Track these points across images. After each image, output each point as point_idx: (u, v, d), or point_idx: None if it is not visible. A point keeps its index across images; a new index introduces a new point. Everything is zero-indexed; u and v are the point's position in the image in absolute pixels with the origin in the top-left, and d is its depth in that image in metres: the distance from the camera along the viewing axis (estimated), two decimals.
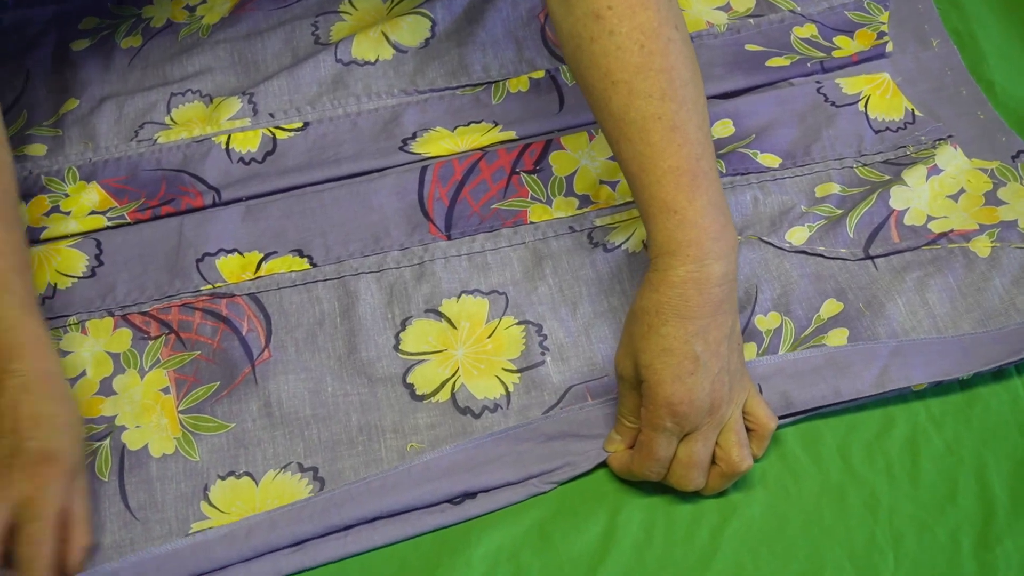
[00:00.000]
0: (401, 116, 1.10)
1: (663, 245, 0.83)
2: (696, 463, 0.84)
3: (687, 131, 0.84)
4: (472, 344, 0.95)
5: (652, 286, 0.84)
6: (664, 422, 0.82)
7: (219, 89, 1.14)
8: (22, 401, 0.82)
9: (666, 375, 0.82)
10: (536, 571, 0.84)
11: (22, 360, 0.83)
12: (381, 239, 1.02)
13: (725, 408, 0.83)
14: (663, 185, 0.83)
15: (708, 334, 0.82)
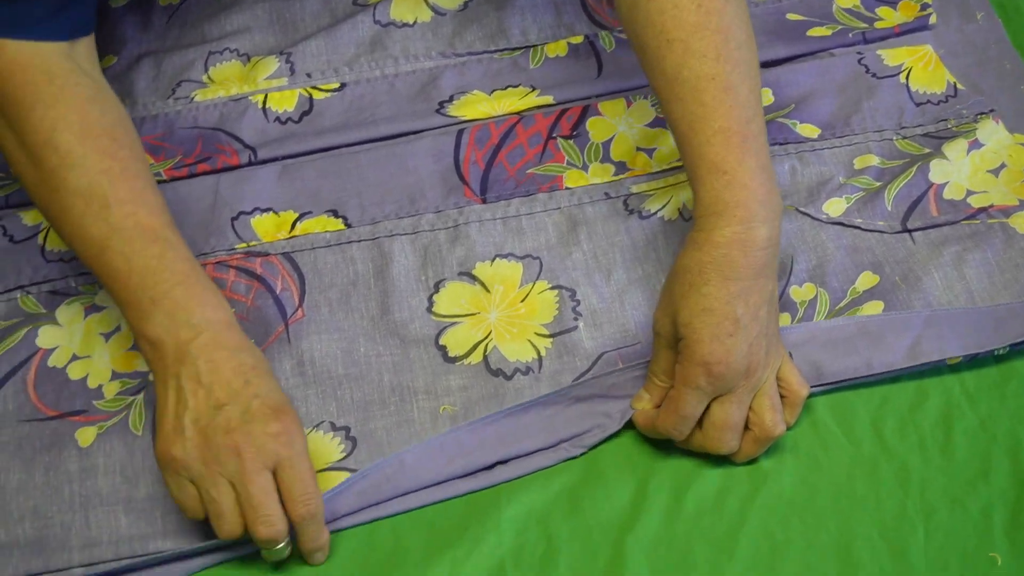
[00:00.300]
0: (439, 79, 1.10)
1: (710, 205, 0.83)
2: (730, 425, 0.83)
3: (739, 93, 0.84)
4: (505, 308, 0.95)
5: (696, 245, 0.84)
6: (699, 380, 0.82)
7: (257, 48, 1.14)
8: (219, 360, 0.81)
9: (705, 334, 0.82)
10: (565, 536, 0.84)
11: (203, 312, 0.83)
12: (416, 201, 1.02)
13: (761, 372, 0.83)
14: (712, 145, 0.83)
15: (749, 296, 0.82)
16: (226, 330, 0.83)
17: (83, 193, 0.84)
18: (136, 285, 0.83)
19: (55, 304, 0.97)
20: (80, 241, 0.85)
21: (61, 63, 0.88)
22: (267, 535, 0.79)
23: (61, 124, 0.85)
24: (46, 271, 0.99)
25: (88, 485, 0.88)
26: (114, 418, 0.91)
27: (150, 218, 0.85)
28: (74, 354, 0.94)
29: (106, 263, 0.84)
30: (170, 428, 0.81)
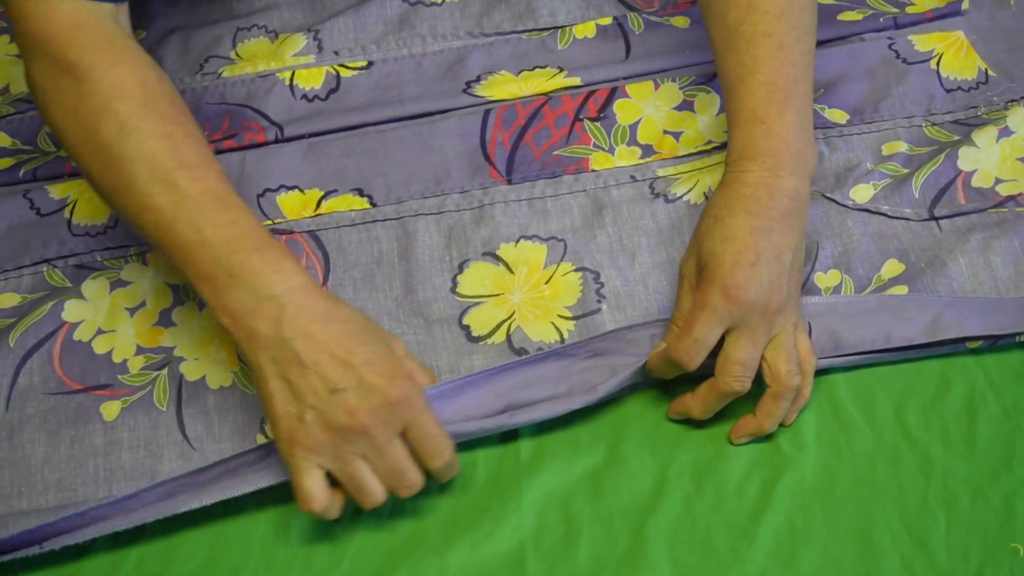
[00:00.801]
0: (466, 58, 1.10)
1: (743, 150, 0.86)
2: (743, 360, 0.83)
3: (793, 53, 0.86)
4: (529, 289, 0.95)
5: (725, 184, 0.86)
6: (715, 301, 0.82)
7: (285, 25, 1.14)
8: (314, 334, 0.79)
9: (726, 259, 0.82)
10: (586, 518, 0.84)
11: (281, 282, 0.80)
12: (442, 181, 1.02)
13: (776, 315, 0.83)
14: (756, 96, 0.86)
15: (772, 236, 0.83)
16: (309, 296, 0.80)
17: (146, 158, 0.81)
18: (210, 257, 0.80)
19: (81, 278, 0.97)
20: (147, 211, 0.82)
21: (112, 24, 0.86)
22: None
23: (120, 88, 0.83)
24: (72, 245, 1.00)
25: (112, 459, 0.88)
26: (138, 393, 0.91)
27: (218, 184, 0.83)
28: (99, 328, 0.95)
29: (176, 234, 0.81)
30: (288, 417, 0.79)
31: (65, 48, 0.83)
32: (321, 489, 0.80)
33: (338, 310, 0.81)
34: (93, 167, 0.84)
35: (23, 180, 1.05)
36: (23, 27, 0.84)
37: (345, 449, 0.79)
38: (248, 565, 0.84)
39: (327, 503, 0.80)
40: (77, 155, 0.85)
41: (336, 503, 0.81)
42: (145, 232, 0.83)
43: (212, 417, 0.90)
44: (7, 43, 1.16)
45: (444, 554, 0.83)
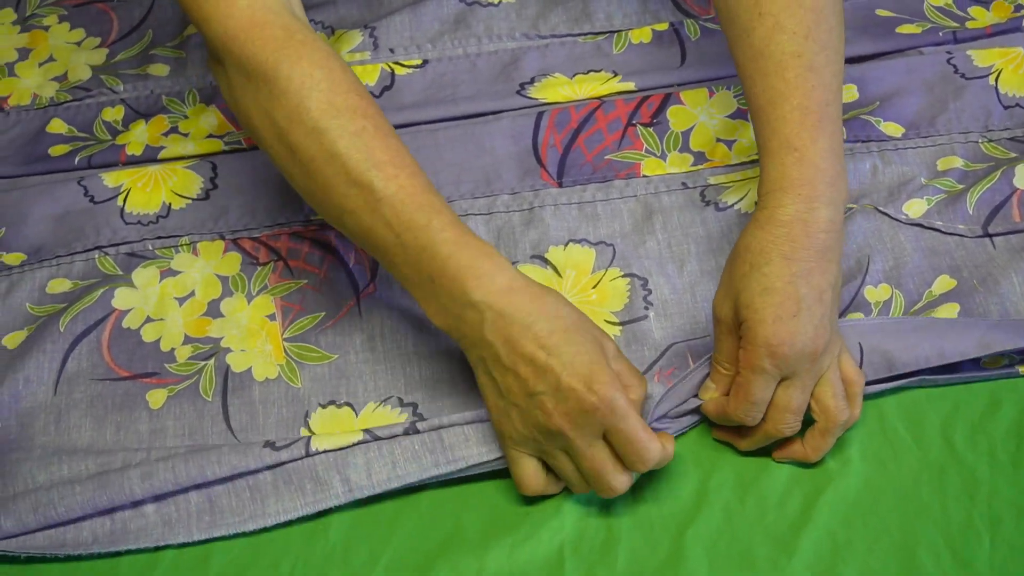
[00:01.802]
0: (521, 60, 1.10)
1: (776, 181, 0.82)
2: (794, 408, 0.82)
3: (823, 75, 0.83)
4: (576, 293, 0.95)
5: (758, 224, 0.83)
6: (763, 363, 0.80)
7: (341, 21, 1.14)
8: (514, 337, 0.79)
9: (767, 315, 0.80)
10: (626, 526, 0.84)
11: (478, 287, 0.79)
12: (492, 182, 1.02)
13: (824, 356, 0.82)
14: (788, 122, 0.83)
15: (812, 277, 0.81)
16: (510, 297, 0.79)
17: (340, 159, 0.81)
18: (411, 262, 0.81)
19: (132, 266, 0.98)
20: (345, 214, 0.82)
21: (290, 16, 0.85)
22: (612, 496, 0.82)
23: (308, 84, 0.82)
24: (124, 233, 1.00)
25: (157, 447, 0.89)
26: (185, 382, 0.92)
27: (412, 180, 0.81)
28: (148, 316, 0.95)
29: (378, 238, 0.82)
30: (497, 410, 0.82)
31: (249, 48, 0.83)
32: (532, 476, 0.83)
33: (543, 310, 0.80)
34: (291, 169, 0.84)
35: (78, 167, 1.06)
36: (207, 32, 0.84)
37: (547, 444, 0.81)
38: (287, 559, 0.84)
39: (540, 488, 0.83)
40: (274, 156, 0.85)
41: (554, 485, 0.84)
42: (349, 234, 0.84)
43: (256, 409, 0.90)
44: (67, 30, 1.17)
45: (482, 555, 0.83)
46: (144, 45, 1.15)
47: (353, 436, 0.86)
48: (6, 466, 0.87)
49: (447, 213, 0.82)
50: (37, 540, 0.84)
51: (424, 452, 0.85)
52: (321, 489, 0.85)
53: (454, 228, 0.81)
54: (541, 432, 0.80)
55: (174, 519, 0.85)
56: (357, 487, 0.85)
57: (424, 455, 0.85)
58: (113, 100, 1.11)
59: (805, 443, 0.85)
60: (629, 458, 0.79)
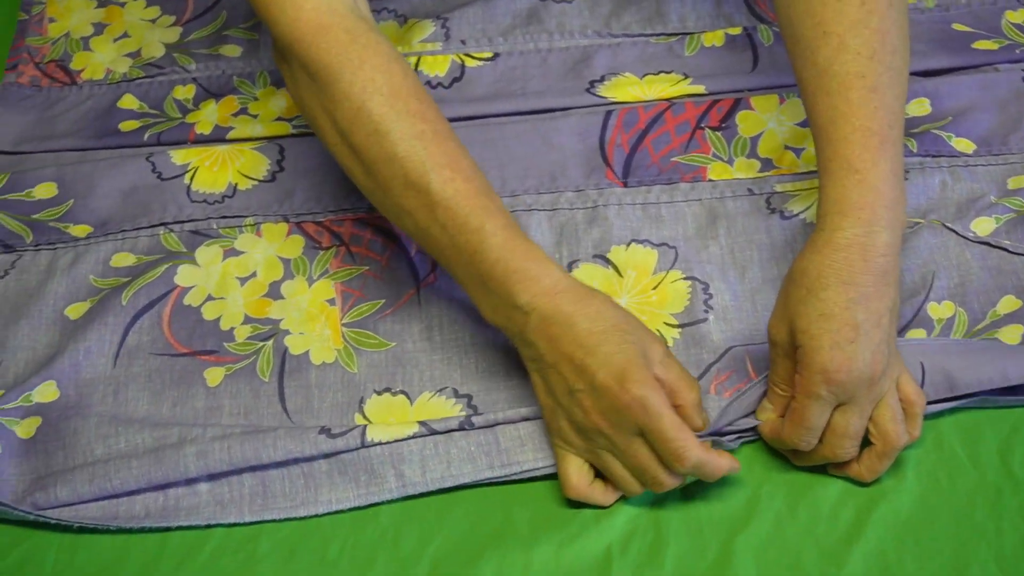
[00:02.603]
0: (592, 58, 1.09)
1: (835, 203, 0.82)
2: (851, 433, 0.82)
3: (886, 96, 0.83)
4: (636, 294, 0.95)
5: (815, 248, 0.82)
6: (819, 390, 0.80)
7: (414, 10, 1.15)
8: (555, 337, 0.81)
9: (824, 341, 0.80)
10: (674, 528, 0.84)
11: (524, 290, 0.81)
12: (557, 178, 1.02)
13: (882, 381, 0.81)
14: (850, 143, 0.82)
15: (870, 303, 0.80)
16: (554, 300, 0.81)
17: (400, 162, 0.83)
18: (465, 264, 0.83)
19: (195, 244, 0.99)
20: (404, 214, 0.85)
21: (355, 19, 0.87)
22: (660, 491, 0.82)
23: (371, 88, 0.84)
24: (190, 211, 1.01)
25: (212, 423, 0.89)
26: (243, 361, 0.92)
27: (467, 184, 0.84)
28: (209, 295, 0.96)
29: (434, 239, 0.84)
30: (547, 407, 0.84)
31: (314, 51, 0.85)
32: (577, 475, 0.83)
33: (586, 311, 0.81)
34: (353, 168, 0.87)
35: (147, 143, 1.07)
36: (274, 32, 0.86)
37: (591, 444, 0.82)
38: (335, 542, 0.84)
39: (583, 491, 0.83)
40: (337, 154, 0.87)
41: (600, 491, 0.84)
42: (408, 233, 0.87)
43: (312, 392, 0.91)
44: (142, 7, 1.19)
45: (531, 549, 0.83)
46: (218, 25, 1.16)
47: (408, 428, 0.86)
48: (65, 436, 0.88)
49: (500, 216, 0.83)
50: (90, 511, 0.85)
51: (480, 454, 0.86)
52: (375, 482, 0.85)
53: (505, 232, 0.83)
54: (583, 430, 0.81)
55: (226, 499, 0.86)
56: (410, 483, 0.85)
57: (479, 457, 0.86)
58: (185, 79, 1.12)
59: (861, 464, 0.84)
60: (666, 457, 0.79)
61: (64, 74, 1.14)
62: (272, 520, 0.85)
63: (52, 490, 0.85)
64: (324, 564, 0.83)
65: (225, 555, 0.84)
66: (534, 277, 0.82)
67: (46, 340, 0.95)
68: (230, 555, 0.84)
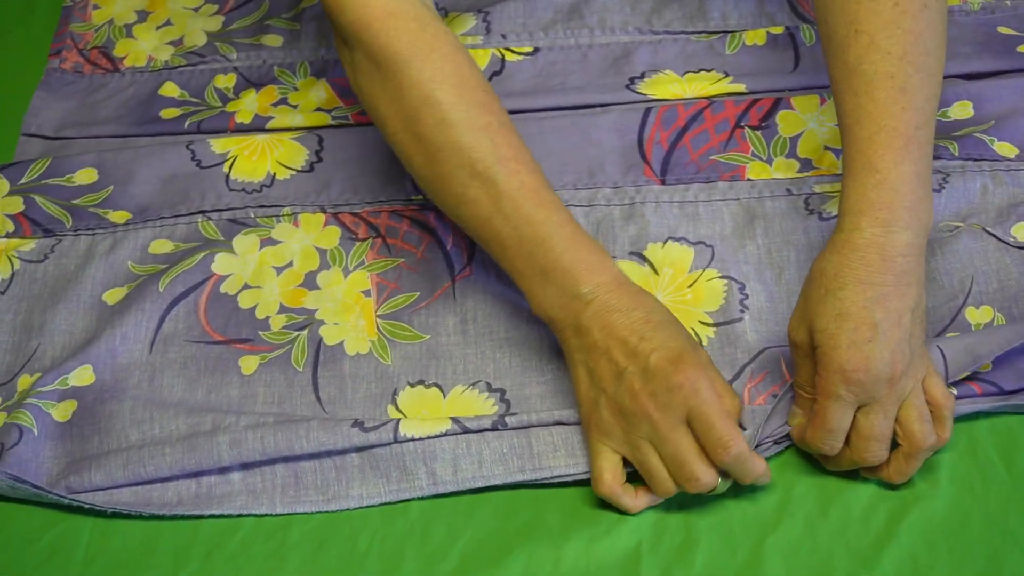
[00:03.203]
0: (632, 54, 1.09)
1: (854, 203, 0.81)
2: (876, 435, 0.81)
3: (915, 97, 0.82)
4: (672, 292, 0.95)
5: (834, 248, 0.82)
6: (838, 389, 0.80)
7: (456, 4, 1.15)
8: (612, 323, 0.82)
9: (841, 340, 0.79)
10: (704, 529, 0.84)
11: (588, 280, 0.83)
12: (595, 174, 1.02)
13: (904, 381, 0.80)
14: (874, 143, 0.82)
15: (888, 302, 0.79)
16: (614, 291, 0.83)
17: (466, 152, 0.84)
18: (526, 255, 0.84)
19: (233, 232, 0.99)
20: (465, 204, 0.85)
21: (422, 7, 0.87)
22: (696, 489, 0.81)
23: (439, 77, 0.85)
24: (228, 199, 1.02)
25: (246, 411, 0.90)
26: (277, 350, 0.93)
27: (532, 177, 0.85)
28: (246, 283, 0.97)
29: (494, 230, 0.85)
30: (588, 402, 0.84)
31: (383, 38, 0.85)
32: (611, 472, 0.83)
33: (643, 303, 0.83)
34: (414, 157, 0.87)
35: (187, 131, 1.08)
36: (341, 19, 0.86)
37: (632, 433, 0.81)
38: (365, 534, 0.85)
39: (615, 488, 0.83)
40: (397, 143, 0.87)
41: (629, 496, 0.83)
42: (463, 223, 0.87)
43: (346, 383, 0.91)
44: None
45: (560, 545, 0.83)
46: (260, 15, 1.17)
47: (442, 424, 0.86)
48: (101, 421, 0.89)
49: (563, 211, 0.85)
50: (124, 496, 0.86)
51: (512, 456, 0.86)
52: (406, 479, 0.86)
53: (569, 225, 0.85)
54: (627, 418, 0.81)
55: (259, 489, 0.86)
56: (441, 481, 0.86)
57: (511, 459, 0.86)
58: (226, 68, 1.13)
59: (889, 466, 0.83)
60: (711, 444, 0.79)
61: (107, 61, 1.15)
62: (303, 512, 0.86)
63: (86, 474, 0.86)
64: (354, 556, 0.84)
65: (256, 543, 0.85)
66: (598, 269, 0.83)
67: (83, 325, 0.95)
68: (260, 543, 0.85)
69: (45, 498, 0.86)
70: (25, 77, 1.15)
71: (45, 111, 1.11)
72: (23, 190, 1.03)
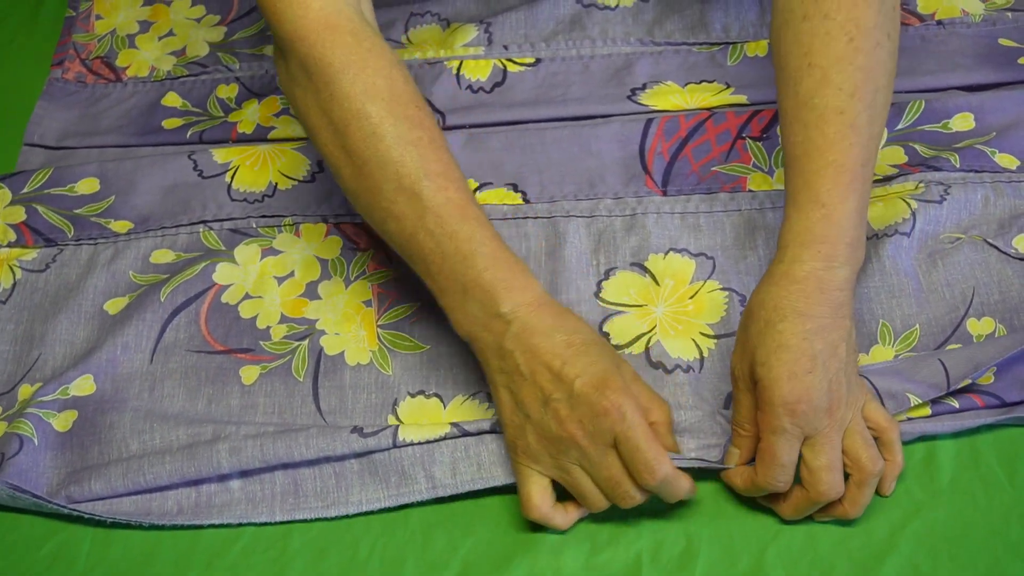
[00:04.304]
0: (634, 65, 1.09)
1: (798, 235, 0.82)
2: (827, 465, 0.80)
3: (863, 134, 0.83)
4: (673, 303, 0.95)
5: (773, 280, 0.82)
6: (783, 423, 0.79)
7: (458, 15, 1.15)
8: (535, 347, 0.81)
9: (782, 372, 0.79)
10: (705, 538, 0.84)
11: (509, 299, 0.82)
12: (596, 185, 1.02)
13: (844, 410, 0.81)
14: (822, 177, 0.82)
15: (827, 334, 0.80)
16: (536, 311, 0.82)
17: (394, 166, 0.83)
18: (448, 271, 0.83)
19: (235, 242, 1.00)
20: (391, 219, 0.85)
21: (361, 22, 0.87)
22: (629, 505, 0.81)
23: (371, 91, 0.84)
24: (230, 209, 1.02)
25: (247, 421, 0.90)
26: (278, 360, 0.93)
27: (459, 193, 0.84)
28: (247, 293, 0.97)
29: (419, 245, 0.84)
30: (512, 425, 0.83)
31: (318, 50, 0.85)
32: (540, 496, 0.82)
33: (565, 324, 0.82)
34: (343, 169, 0.86)
35: (189, 141, 1.08)
36: (279, 29, 0.86)
37: (562, 458, 0.81)
38: (366, 542, 0.85)
39: (545, 512, 0.82)
40: (327, 154, 0.87)
41: (560, 515, 0.83)
42: (389, 238, 0.87)
43: (346, 393, 0.91)
44: (188, 6, 1.19)
45: (560, 556, 0.83)
46: (262, 25, 1.17)
47: (440, 429, 0.86)
48: (101, 431, 0.89)
49: (488, 228, 0.84)
50: (124, 506, 0.86)
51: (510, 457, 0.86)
52: (405, 483, 0.86)
53: (493, 242, 0.84)
54: (555, 444, 0.80)
55: (258, 497, 0.86)
56: (440, 485, 0.85)
57: (510, 460, 0.85)
58: (228, 78, 1.13)
59: (844, 500, 0.83)
60: (636, 468, 0.79)
61: (109, 71, 1.15)
62: (303, 520, 0.86)
63: (86, 483, 0.86)
64: (354, 564, 0.84)
65: (256, 552, 0.85)
66: (520, 288, 0.83)
67: (84, 334, 0.95)
68: (261, 552, 0.85)
69: (45, 508, 0.86)
70: (27, 87, 1.15)
71: (47, 121, 1.11)
72: (25, 200, 1.03)
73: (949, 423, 0.87)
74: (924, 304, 0.93)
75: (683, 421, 0.88)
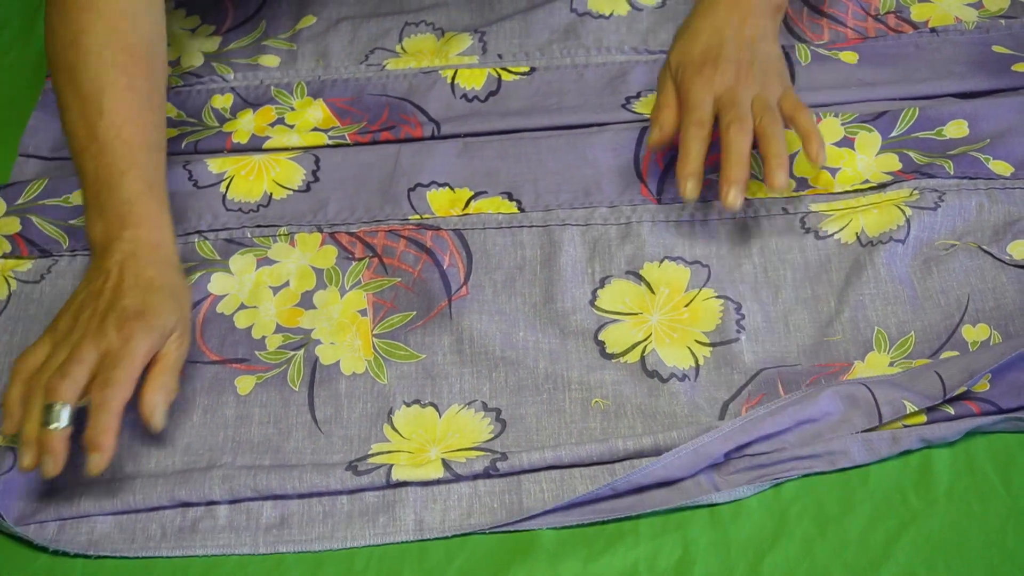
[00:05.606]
0: (628, 74, 1.09)
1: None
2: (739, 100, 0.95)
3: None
4: (668, 311, 0.95)
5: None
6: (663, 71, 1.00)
7: (452, 24, 1.15)
8: (127, 266, 0.87)
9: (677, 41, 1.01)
10: (702, 547, 0.83)
11: (136, 228, 0.89)
12: (591, 193, 1.02)
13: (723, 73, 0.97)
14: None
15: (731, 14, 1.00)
16: (152, 249, 0.89)
17: (83, 96, 0.92)
18: (94, 192, 0.91)
19: (229, 252, 1.00)
20: (68, 136, 0.94)
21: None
22: (51, 399, 0.82)
23: (89, 29, 0.93)
24: (224, 219, 1.02)
25: (242, 432, 0.90)
26: (273, 370, 0.93)
27: (133, 136, 0.92)
28: (242, 303, 0.97)
29: (80, 164, 0.92)
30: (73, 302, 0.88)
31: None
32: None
33: (164, 269, 0.89)
34: (55, 84, 0.96)
35: (184, 151, 1.08)
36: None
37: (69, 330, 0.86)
38: (361, 554, 0.84)
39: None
40: (50, 66, 0.97)
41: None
42: (68, 150, 0.95)
43: (342, 402, 0.91)
44: (182, 17, 1.20)
45: (557, 564, 0.83)
46: (257, 36, 1.17)
47: (433, 471, 0.86)
48: None
49: (148, 172, 0.92)
50: (108, 526, 0.85)
51: (500, 508, 0.85)
52: (393, 523, 0.85)
53: (144, 184, 0.91)
54: (75, 321, 0.86)
55: (242, 527, 0.85)
56: (428, 528, 0.84)
57: (500, 511, 0.85)
58: (223, 88, 1.13)
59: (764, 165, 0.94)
60: (98, 376, 0.82)
61: None
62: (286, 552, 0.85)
63: (76, 501, 0.85)
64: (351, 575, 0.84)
65: (252, 565, 0.84)
66: (151, 226, 0.90)
67: None
68: (257, 565, 0.84)
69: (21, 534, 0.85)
70: (23, 98, 1.16)
71: (42, 132, 1.11)
72: (20, 210, 1.03)
73: (945, 430, 0.87)
74: (919, 311, 0.93)
75: (678, 432, 0.86)
